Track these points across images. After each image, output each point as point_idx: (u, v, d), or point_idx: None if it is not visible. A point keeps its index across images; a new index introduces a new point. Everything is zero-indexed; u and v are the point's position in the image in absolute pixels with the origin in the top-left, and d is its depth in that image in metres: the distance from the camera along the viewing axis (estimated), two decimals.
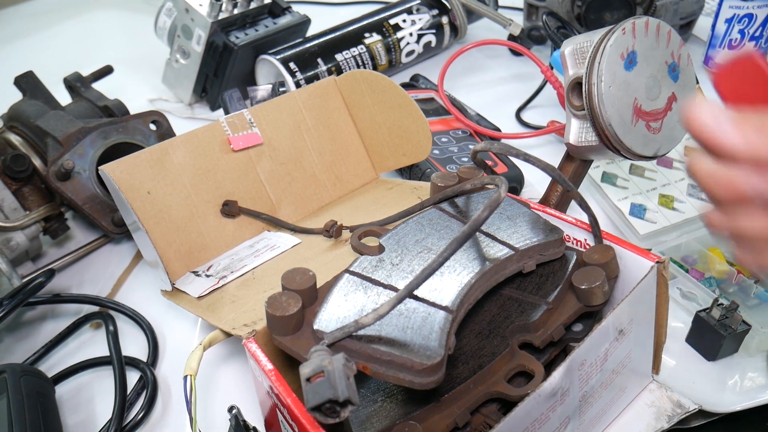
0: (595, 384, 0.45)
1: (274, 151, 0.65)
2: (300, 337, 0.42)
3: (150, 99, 0.94)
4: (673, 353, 0.57)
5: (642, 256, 0.47)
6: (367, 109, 0.68)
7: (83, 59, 0.91)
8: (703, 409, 0.51)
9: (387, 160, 0.69)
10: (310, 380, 0.34)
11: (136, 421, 0.53)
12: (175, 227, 0.58)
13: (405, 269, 0.45)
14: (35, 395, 0.50)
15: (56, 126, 0.67)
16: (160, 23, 0.92)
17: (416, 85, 0.89)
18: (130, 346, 0.61)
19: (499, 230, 0.48)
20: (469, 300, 0.43)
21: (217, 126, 0.62)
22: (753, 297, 0.61)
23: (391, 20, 0.93)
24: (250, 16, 0.88)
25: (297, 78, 0.84)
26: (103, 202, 0.67)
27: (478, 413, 0.44)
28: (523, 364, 0.44)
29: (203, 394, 0.55)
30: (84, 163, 0.67)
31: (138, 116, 0.71)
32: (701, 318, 0.56)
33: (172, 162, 0.59)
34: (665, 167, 0.74)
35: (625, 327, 0.45)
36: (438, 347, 0.38)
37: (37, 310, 0.66)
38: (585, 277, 0.46)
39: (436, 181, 0.54)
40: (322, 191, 0.67)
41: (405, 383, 0.38)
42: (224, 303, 0.52)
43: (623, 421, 0.51)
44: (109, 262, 0.72)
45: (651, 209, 0.70)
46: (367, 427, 0.42)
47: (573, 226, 0.52)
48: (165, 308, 0.63)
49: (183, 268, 0.59)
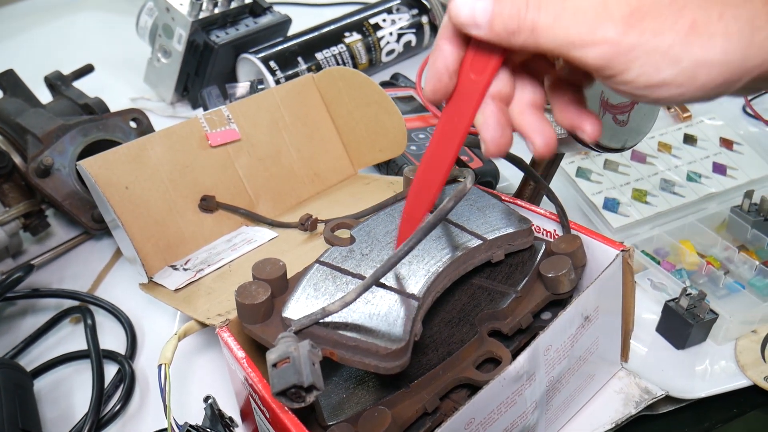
0: (563, 370, 0.46)
1: (252, 147, 0.66)
2: (269, 325, 0.42)
3: (132, 98, 0.95)
4: (644, 342, 0.58)
5: (608, 245, 0.48)
6: (345, 105, 0.69)
7: (65, 59, 0.91)
8: (671, 396, 0.52)
9: (364, 156, 0.70)
10: (276, 366, 0.35)
11: (113, 413, 0.54)
12: (153, 222, 0.59)
13: (374, 259, 0.46)
14: (13, 387, 0.51)
15: (36, 123, 0.68)
16: (142, 23, 0.92)
17: (396, 84, 0.90)
18: (109, 340, 0.61)
19: (468, 221, 0.49)
20: (437, 288, 0.44)
21: (195, 122, 0.63)
22: (722, 287, 0.62)
23: (371, 20, 0.94)
24: (231, 15, 0.89)
25: (277, 77, 0.85)
26: (83, 199, 0.68)
27: (447, 399, 0.45)
28: (492, 350, 0.45)
29: (179, 385, 0.56)
30: (64, 160, 0.67)
31: (118, 114, 0.72)
32: (670, 307, 0.57)
33: (150, 157, 0.60)
34: (639, 162, 0.76)
35: (590, 314, 0.46)
36: (403, 333, 0.39)
37: (17, 305, 0.67)
38: (552, 266, 0.47)
39: (409, 174, 0.55)
40: (300, 187, 0.68)
41: (371, 368, 0.39)
42: (200, 295, 0.52)
43: (592, 407, 0.52)
44: (89, 258, 0.72)
45: (624, 203, 0.71)
46: (339, 413, 0.43)
47: (543, 218, 0.53)
48: (145, 303, 0.64)
49: (161, 263, 0.59)
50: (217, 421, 0.49)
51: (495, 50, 0.34)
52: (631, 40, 0.30)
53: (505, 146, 0.37)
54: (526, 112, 0.37)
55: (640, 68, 0.31)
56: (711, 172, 0.75)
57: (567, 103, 0.37)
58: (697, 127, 0.81)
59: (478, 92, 0.36)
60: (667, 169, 0.75)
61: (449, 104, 0.37)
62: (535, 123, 0.37)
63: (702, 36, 0.30)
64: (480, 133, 0.37)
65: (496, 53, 0.34)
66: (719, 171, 0.75)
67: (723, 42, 0.30)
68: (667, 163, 0.76)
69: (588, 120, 0.37)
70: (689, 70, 0.31)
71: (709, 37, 0.30)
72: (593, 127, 0.37)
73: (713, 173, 0.75)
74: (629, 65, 0.31)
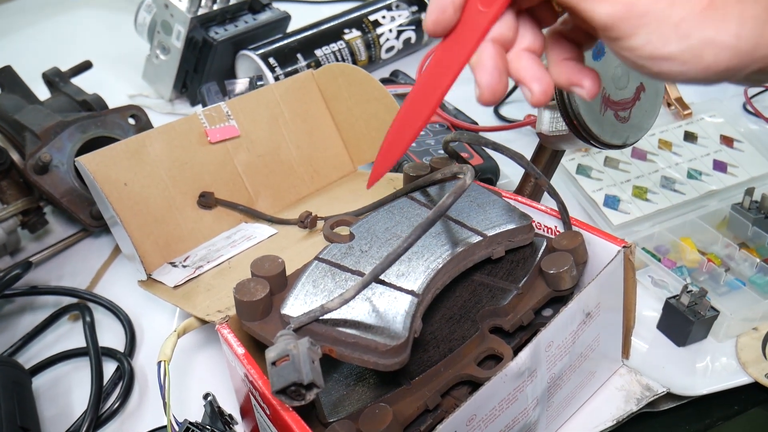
0: (564, 367, 0.45)
1: (252, 144, 0.65)
2: (268, 322, 0.42)
3: (130, 95, 0.95)
4: (645, 339, 0.58)
5: (609, 241, 0.48)
6: (345, 102, 0.69)
7: (63, 55, 0.91)
8: (672, 393, 0.52)
9: (364, 153, 0.70)
10: (275, 364, 0.35)
11: (112, 410, 0.54)
12: (152, 219, 0.59)
13: (374, 256, 0.45)
14: (11, 385, 0.51)
15: (34, 120, 0.67)
16: (140, 19, 0.92)
17: (396, 81, 0.90)
18: (108, 338, 0.61)
19: (468, 217, 0.49)
20: (437, 285, 0.44)
21: (194, 118, 0.63)
22: (723, 285, 0.62)
23: (370, 16, 0.94)
24: (230, 12, 0.89)
25: (276, 73, 0.85)
26: (82, 196, 0.68)
27: (448, 396, 0.44)
28: (493, 347, 0.45)
29: (179, 382, 0.56)
30: (62, 157, 0.67)
31: (116, 110, 0.71)
32: (671, 304, 0.57)
33: (149, 154, 0.59)
34: (639, 159, 0.76)
35: (592, 310, 0.46)
36: (402, 330, 0.39)
37: (15, 303, 0.66)
38: (553, 263, 0.47)
39: (409, 171, 0.55)
40: (299, 183, 0.68)
41: (370, 365, 0.38)
42: (199, 291, 0.52)
43: (593, 404, 0.51)
44: (88, 255, 0.72)
45: (625, 200, 0.71)
46: (339, 410, 0.43)
47: (544, 214, 0.53)
48: (144, 300, 0.64)
49: (160, 260, 0.59)
50: (217, 418, 0.49)
51: None
52: (644, 4, 0.29)
53: (500, 93, 0.35)
54: (523, 56, 0.35)
55: (647, 36, 0.30)
56: (712, 169, 0.75)
57: (565, 59, 0.35)
58: (697, 124, 0.80)
59: (485, 25, 0.33)
60: (668, 167, 0.75)
61: (449, 38, 0.35)
62: (532, 69, 0.35)
63: (717, 15, 0.29)
64: (476, 75, 0.35)
65: None
66: (720, 168, 0.75)
67: (737, 25, 0.29)
68: (667, 160, 0.76)
69: (587, 76, 0.35)
70: (697, 48, 0.30)
71: (724, 17, 0.29)
72: (592, 82, 0.35)
73: (714, 170, 0.74)
74: (637, 30, 0.30)
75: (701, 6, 0.29)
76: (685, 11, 0.29)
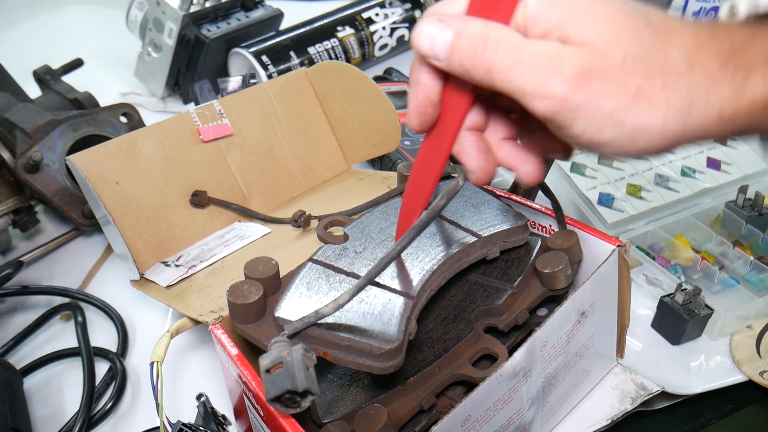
0: (559, 366, 0.45)
1: (245, 142, 0.65)
2: (261, 324, 0.42)
3: (122, 93, 0.94)
4: (640, 338, 0.58)
5: (604, 240, 0.48)
6: (338, 100, 0.68)
7: (54, 53, 0.90)
8: (667, 391, 0.52)
9: (358, 151, 0.70)
10: (269, 371, 0.35)
11: (105, 410, 0.53)
12: (144, 218, 0.58)
13: (368, 257, 0.45)
14: (2, 386, 0.50)
15: (25, 118, 0.67)
16: (132, 17, 0.91)
17: (389, 78, 0.89)
18: (100, 338, 0.61)
19: (463, 218, 0.49)
20: (431, 286, 0.44)
21: (187, 117, 0.62)
22: (717, 283, 0.62)
23: (363, 14, 0.94)
24: (222, 9, 0.88)
25: (269, 71, 0.84)
26: (73, 195, 0.67)
27: (443, 396, 0.44)
28: (488, 347, 0.45)
29: (172, 383, 0.55)
30: (53, 156, 0.66)
31: (108, 108, 0.71)
32: (665, 303, 0.57)
33: (141, 152, 0.59)
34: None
35: (587, 309, 0.46)
36: (397, 332, 0.39)
37: (6, 302, 0.66)
38: (548, 262, 0.47)
39: (403, 170, 0.54)
40: (293, 182, 0.68)
41: (364, 368, 0.38)
42: (192, 291, 0.52)
43: (588, 403, 0.51)
44: (80, 254, 0.71)
45: (619, 198, 0.71)
46: (334, 411, 0.43)
47: (538, 213, 0.53)
48: (136, 300, 0.63)
49: (153, 259, 0.58)
50: (210, 419, 0.49)
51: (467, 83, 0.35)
52: (578, 98, 0.31)
53: (491, 172, 0.38)
54: (503, 146, 0.38)
55: (583, 126, 0.32)
56: (705, 167, 0.75)
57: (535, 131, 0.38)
58: None
59: (458, 118, 0.36)
60: (662, 164, 0.75)
61: (430, 133, 0.38)
62: (517, 154, 0.38)
63: (645, 103, 0.31)
64: (464, 164, 0.38)
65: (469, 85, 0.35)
66: (714, 166, 0.75)
67: (663, 112, 0.31)
68: (661, 158, 0.76)
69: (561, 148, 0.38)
70: (630, 134, 0.32)
71: (651, 105, 0.31)
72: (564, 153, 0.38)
73: (708, 168, 0.75)
74: (574, 122, 0.32)
75: (630, 95, 0.31)
76: (616, 102, 0.31)
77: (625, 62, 0.31)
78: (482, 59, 0.32)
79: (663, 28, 0.32)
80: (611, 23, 0.31)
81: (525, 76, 0.32)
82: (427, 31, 0.34)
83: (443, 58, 0.33)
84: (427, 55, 0.34)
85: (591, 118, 0.32)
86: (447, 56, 0.33)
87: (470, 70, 0.33)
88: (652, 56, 0.31)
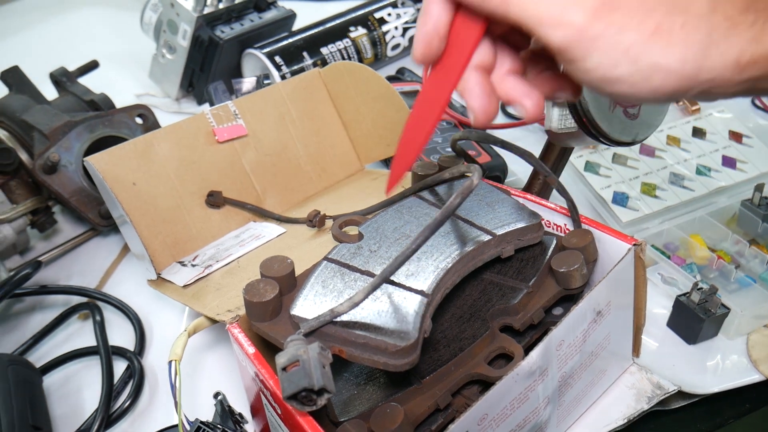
0: (575, 365, 0.45)
1: (259, 143, 0.65)
2: (277, 323, 0.42)
3: (137, 94, 0.95)
4: (655, 337, 0.58)
5: (620, 239, 0.48)
6: (352, 100, 0.69)
7: (70, 55, 0.91)
8: (683, 391, 0.52)
9: (371, 151, 0.70)
10: (285, 369, 0.35)
11: (123, 409, 0.54)
12: (160, 218, 0.59)
13: (383, 256, 0.45)
14: (23, 384, 0.51)
15: (42, 120, 0.68)
16: (146, 18, 0.92)
17: (402, 78, 0.90)
18: (118, 336, 0.61)
19: (477, 216, 0.49)
20: (446, 284, 0.44)
21: (202, 118, 0.63)
22: (733, 282, 0.62)
23: (376, 14, 0.94)
24: (236, 10, 0.89)
25: (283, 72, 0.85)
26: (90, 195, 0.68)
27: (459, 395, 0.44)
28: (504, 346, 0.45)
29: (189, 381, 0.56)
30: (70, 157, 0.67)
31: (124, 110, 0.71)
32: (681, 302, 0.57)
33: (158, 153, 0.59)
34: (648, 156, 0.75)
35: (602, 308, 0.45)
36: (412, 330, 0.39)
37: (25, 302, 0.67)
38: (564, 261, 0.47)
39: (417, 170, 0.55)
40: (307, 182, 0.68)
41: (380, 365, 0.38)
42: (209, 291, 0.52)
43: (604, 403, 0.51)
44: (96, 254, 0.72)
45: (633, 197, 0.70)
46: (350, 409, 0.43)
47: (553, 212, 0.53)
48: (152, 299, 0.64)
49: (169, 259, 0.59)
50: (228, 417, 0.49)
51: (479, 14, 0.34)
52: (596, 29, 0.31)
53: (492, 113, 0.37)
54: (507, 78, 0.37)
55: (598, 59, 0.32)
56: (720, 165, 0.74)
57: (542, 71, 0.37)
58: (706, 120, 0.80)
59: (466, 54, 0.36)
60: (677, 163, 0.74)
61: (436, 66, 0.37)
62: (519, 87, 0.37)
63: (664, 40, 0.31)
64: (467, 102, 0.37)
65: (481, 17, 0.34)
66: (729, 164, 0.74)
67: (682, 50, 0.31)
68: (676, 156, 0.75)
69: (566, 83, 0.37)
70: (645, 71, 0.32)
71: (669, 43, 0.31)
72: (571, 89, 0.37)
73: (723, 167, 0.74)
74: (590, 54, 0.32)
75: (649, 31, 0.31)
76: (634, 36, 0.31)
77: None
78: None
79: None
80: None
81: (542, 4, 0.31)
82: None
83: None
84: None
85: (607, 52, 0.31)
86: None
87: None
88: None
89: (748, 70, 0.32)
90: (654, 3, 0.31)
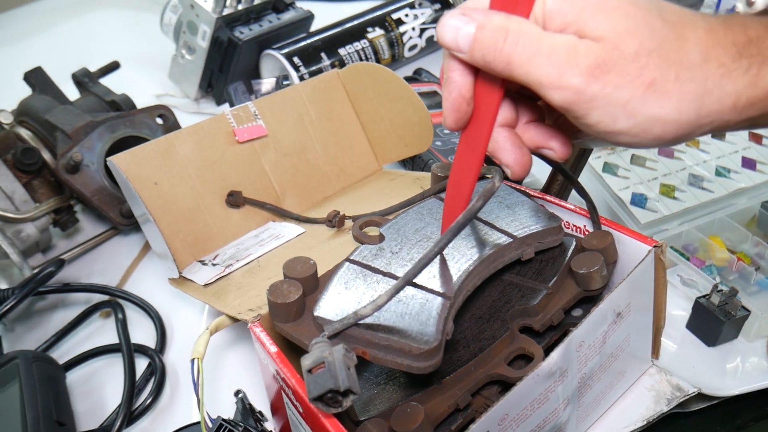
0: (594, 367, 0.45)
1: (279, 143, 0.66)
2: (301, 324, 0.43)
3: (156, 94, 0.96)
4: (674, 339, 0.58)
5: (640, 241, 0.48)
6: (370, 101, 0.69)
7: (91, 56, 0.92)
8: (703, 393, 0.52)
9: (390, 152, 0.70)
10: (311, 371, 0.35)
11: (145, 406, 0.55)
12: (181, 218, 0.60)
13: (404, 257, 0.46)
14: (47, 380, 0.52)
15: (65, 120, 0.68)
16: (166, 20, 0.93)
17: (419, 79, 0.90)
18: (139, 334, 0.62)
19: (498, 219, 0.49)
20: (468, 287, 0.44)
21: (223, 118, 0.63)
22: (753, 284, 0.61)
23: (393, 15, 0.94)
24: (254, 11, 0.89)
25: (301, 72, 0.85)
26: (112, 195, 0.69)
27: (479, 395, 0.45)
28: (523, 347, 0.45)
29: (210, 379, 0.56)
30: (92, 156, 0.68)
31: (145, 110, 0.72)
32: (701, 304, 0.56)
33: (179, 154, 0.60)
34: (666, 157, 0.75)
35: (623, 310, 0.45)
36: (435, 332, 0.39)
37: (47, 299, 0.68)
38: (583, 262, 0.47)
39: (437, 171, 0.55)
40: (325, 182, 0.68)
41: (403, 367, 0.39)
42: (230, 290, 0.53)
43: (623, 404, 0.51)
44: (117, 253, 0.73)
45: (652, 198, 0.70)
46: (370, 408, 0.43)
47: (573, 213, 0.53)
48: (173, 297, 0.65)
49: (190, 258, 0.60)
50: (249, 415, 0.50)
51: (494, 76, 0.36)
52: (593, 90, 0.33)
53: (527, 164, 0.39)
54: (530, 128, 0.39)
55: (598, 116, 0.33)
56: (740, 166, 0.74)
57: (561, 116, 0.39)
58: None
59: (492, 112, 0.37)
60: (696, 164, 0.74)
61: (466, 131, 0.39)
62: (544, 132, 0.39)
63: (658, 94, 0.32)
64: (501, 159, 0.39)
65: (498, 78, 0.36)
66: (749, 166, 0.74)
67: (677, 102, 0.32)
68: (695, 157, 0.75)
69: None
70: (644, 124, 0.33)
71: (665, 96, 0.32)
72: None
73: (742, 168, 0.74)
74: (590, 112, 0.33)
75: (644, 87, 0.32)
76: (630, 93, 0.33)
77: (638, 55, 0.32)
78: (503, 51, 0.33)
79: (677, 21, 0.33)
80: (625, 17, 0.32)
81: (543, 68, 0.33)
82: (451, 24, 0.35)
83: (466, 50, 0.35)
84: (451, 48, 0.35)
85: (605, 109, 0.33)
86: (470, 48, 0.35)
87: (491, 63, 0.34)
88: (665, 49, 0.32)
89: (746, 111, 0.33)
90: (647, 58, 0.32)
